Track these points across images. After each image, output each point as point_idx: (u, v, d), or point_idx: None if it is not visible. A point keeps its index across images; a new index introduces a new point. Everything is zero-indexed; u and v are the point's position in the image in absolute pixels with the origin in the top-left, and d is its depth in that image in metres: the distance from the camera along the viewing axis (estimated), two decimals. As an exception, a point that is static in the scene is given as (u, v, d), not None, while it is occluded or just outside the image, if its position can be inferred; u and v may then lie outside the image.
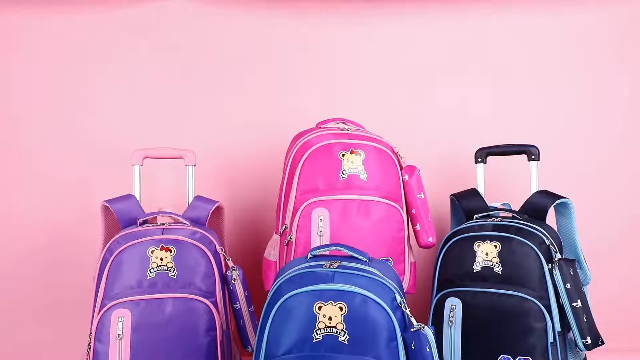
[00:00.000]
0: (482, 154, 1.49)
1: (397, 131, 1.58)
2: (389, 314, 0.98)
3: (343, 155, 1.33)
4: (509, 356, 1.22)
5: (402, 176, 1.36)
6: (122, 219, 1.32)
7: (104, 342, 1.16)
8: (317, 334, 0.97)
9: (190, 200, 1.41)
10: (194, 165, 1.45)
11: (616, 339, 1.53)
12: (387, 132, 1.44)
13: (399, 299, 1.01)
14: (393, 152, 1.37)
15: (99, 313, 1.18)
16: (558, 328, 1.21)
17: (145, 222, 1.32)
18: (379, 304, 0.98)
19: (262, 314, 1.02)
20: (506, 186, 1.66)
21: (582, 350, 1.22)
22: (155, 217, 1.35)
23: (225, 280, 1.27)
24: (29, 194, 1.70)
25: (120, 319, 1.16)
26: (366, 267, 1.04)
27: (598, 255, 1.64)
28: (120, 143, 1.67)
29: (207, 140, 1.71)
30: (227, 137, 1.74)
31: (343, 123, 1.43)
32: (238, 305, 1.27)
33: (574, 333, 1.21)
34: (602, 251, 1.69)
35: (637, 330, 1.68)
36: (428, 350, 0.97)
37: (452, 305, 1.27)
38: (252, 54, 1.77)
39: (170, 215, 1.33)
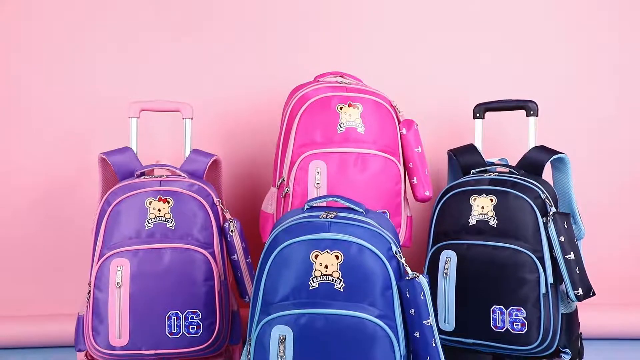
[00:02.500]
0: (481, 110, 1.49)
1: (396, 85, 1.58)
2: (384, 263, 1.00)
3: (341, 108, 1.32)
4: (502, 307, 1.24)
5: (399, 130, 1.36)
6: (120, 171, 1.33)
7: (103, 290, 1.18)
8: (314, 282, 0.99)
9: (188, 153, 1.41)
10: (191, 119, 1.45)
11: (610, 294, 1.56)
12: (386, 86, 1.43)
13: (394, 248, 1.02)
14: (391, 105, 1.37)
15: (98, 262, 1.19)
16: (550, 280, 1.23)
17: (142, 174, 1.32)
18: (374, 253, 0.99)
19: (259, 263, 1.03)
20: (504, 142, 1.66)
21: (573, 301, 1.24)
22: (153, 169, 1.36)
23: (223, 232, 1.28)
24: (27, 148, 1.70)
25: (119, 268, 1.18)
26: (362, 218, 1.05)
27: (595, 211, 1.65)
28: (118, 97, 1.65)
29: (205, 94, 1.70)
30: (225, 90, 1.73)
31: (341, 77, 1.42)
32: (236, 257, 1.29)
33: (566, 284, 1.23)
34: (599, 207, 1.70)
35: (632, 285, 1.70)
36: (422, 298, 0.99)
37: (447, 257, 1.29)
38: (250, 9, 1.74)
39: (168, 167, 1.33)
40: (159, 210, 1.23)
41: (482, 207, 1.29)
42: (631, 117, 1.75)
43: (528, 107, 1.44)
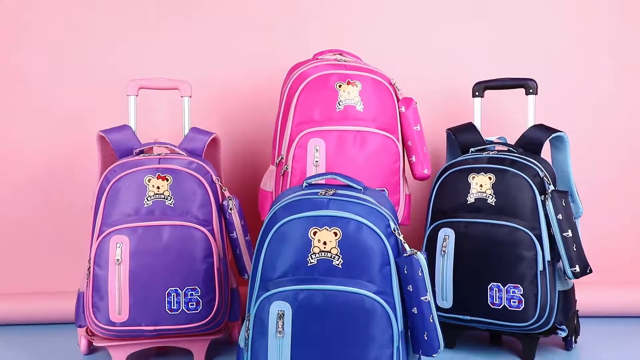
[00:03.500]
0: (480, 88, 1.48)
1: (395, 63, 1.57)
2: (382, 240, 1.00)
3: (340, 86, 1.32)
4: (499, 284, 1.25)
5: (398, 108, 1.36)
6: (118, 149, 1.33)
7: (103, 267, 1.18)
8: (312, 258, 0.99)
9: (186, 131, 1.41)
10: (190, 97, 1.44)
11: (607, 272, 1.57)
12: (385, 64, 1.43)
13: (392, 225, 1.02)
14: (390, 83, 1.36)
15: (97, 239, 1.19)
16: (548, 257, 1.24)
17: (141, 152, 1.32)
18: (373, 229, 1.00)
19: (258, 240, 1.04)
20: (503, 120, 1.65)
21: (570, 279, 1.25)
22: (152, 147, 1.36)
23: (222, 210, 1.28)
24: (27, 128, 1.70)
25: (118, 245, 1.18)
26: (361, 195, 1.05)
27: (594, 189, 1.66)
28: (117, 74, 1.65)
29: (204, 72, 1.69)
30: (224, 68, 1.72)
31: (340, 54, 1.41)
32: (235, 234, 1.29)
33: (563, 262, 1.23)
34: (598, 186, 1.70)
35: (629, 263, 1.71)
36: (420, 274, 1.00)
37: (445, 235, 1.30)
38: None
39: (167, 145, 1.33)
40: (158, 187, 1.23)
41: (481, 185, 1.29)
42: (631, 96, 1.75)
43: (527, 85, 1.44)
